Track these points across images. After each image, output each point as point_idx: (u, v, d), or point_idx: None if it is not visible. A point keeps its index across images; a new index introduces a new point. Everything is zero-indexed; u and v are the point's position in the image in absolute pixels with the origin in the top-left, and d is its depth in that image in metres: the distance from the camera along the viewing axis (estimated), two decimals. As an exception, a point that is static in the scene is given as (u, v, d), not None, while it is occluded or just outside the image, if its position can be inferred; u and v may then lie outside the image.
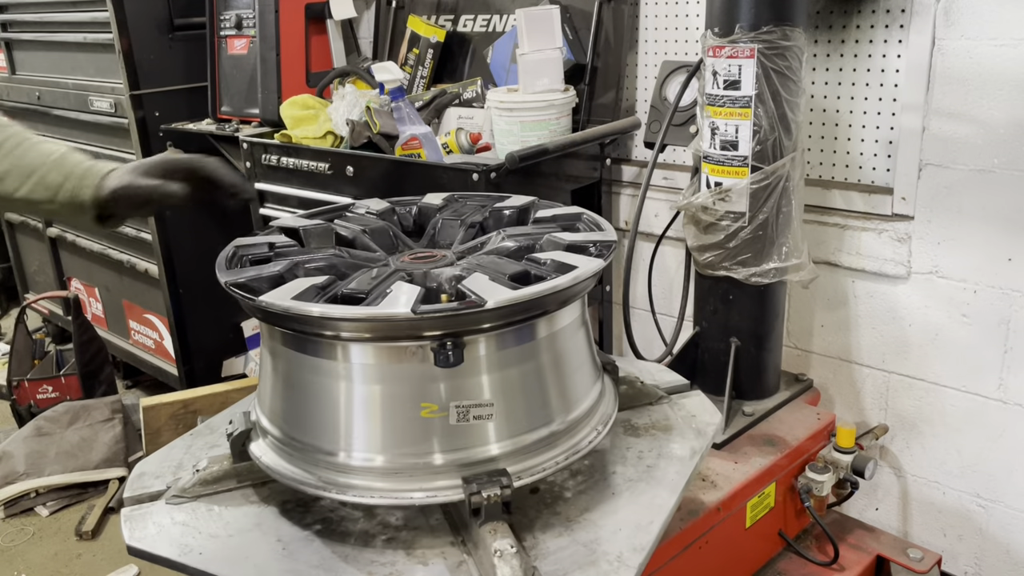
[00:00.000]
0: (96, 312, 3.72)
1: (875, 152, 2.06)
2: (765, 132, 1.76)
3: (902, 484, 2.21)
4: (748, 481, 1.73)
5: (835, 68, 2.07)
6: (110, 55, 2.97)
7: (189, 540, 1.14)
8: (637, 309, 2.49)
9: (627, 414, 1.41)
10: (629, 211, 2.55)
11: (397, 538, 1.15)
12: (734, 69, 1.74)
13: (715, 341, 1.99)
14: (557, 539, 1.12)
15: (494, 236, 1.36)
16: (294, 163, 2.40)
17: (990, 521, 2.07)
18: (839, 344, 2.23)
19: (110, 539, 2.78)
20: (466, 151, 2.30)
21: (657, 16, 2.39)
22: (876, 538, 1.98)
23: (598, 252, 1.24)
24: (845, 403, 2.25)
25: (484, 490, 1.06)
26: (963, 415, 2.04)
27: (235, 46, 2.94)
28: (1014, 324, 1.91)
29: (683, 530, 1.58)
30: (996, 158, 1.85)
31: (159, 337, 3.34)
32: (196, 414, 2.39)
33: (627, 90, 2.49)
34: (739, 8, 1.72)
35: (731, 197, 1.81)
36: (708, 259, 1.89)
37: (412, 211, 1.53)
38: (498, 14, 2.67)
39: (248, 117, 2.90)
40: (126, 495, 1.25)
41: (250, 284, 1.16)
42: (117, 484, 3.00)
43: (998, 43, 1.80)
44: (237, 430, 1.24)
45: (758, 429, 1.92)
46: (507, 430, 1.13)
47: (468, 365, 1.08)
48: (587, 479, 1.25)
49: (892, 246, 2.04)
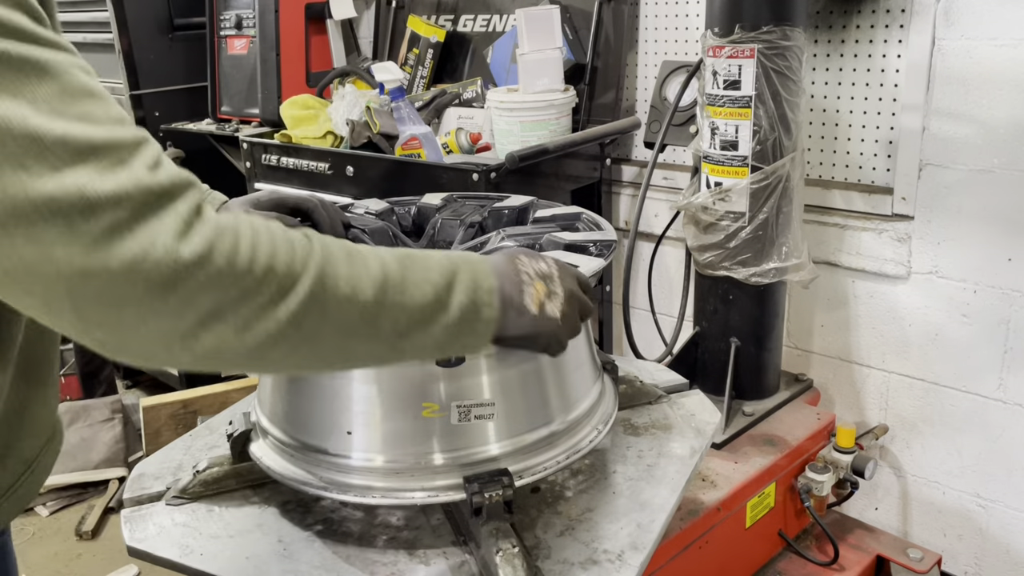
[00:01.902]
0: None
1: (875, 152, 2.06)
2: (765, 132, 1.76)
3: (902, 484, 2.21)
4: (748, 481, 1.73)
5: (835, 68, 2.07)
6: (110, 55, 2.97)
7: (189, 541, 1.14)
8: (637, 309, 2.49)
9: (627, 413, 1.41)
10: (629, 211, 2.55)
11: (398, 538, 1.15)
12: (734, 69, 1.74)
13: (715, 341, 1.99)
14: (559, 538, 1.12)
15: (494, 236, 1.36)
16: (294, 163, 2.40)
17: (990, 521, 2.07)
18: (839, 344, 2.23)
19: (110, 539, 2.78)
20: (466, 151, 2.30)
21: (657, 16, 2.39)
22: (876, 538, 1.98)
23: (598, 252, 1.24)
24: (845, 403, 2.25)
25: (486, 490, 1.06)
26: (963, 415, 2.05)
27: (235, 46, 2.94)
28: (1014, 324, 1.91)
29: (683, 530, 1.58)
30: (996, 158, 1.85)
31: (159, 337, 3.34)
32: (196, 414, 2.39)
33: (627, 90, 2.49)
34: (739, 8, 1.72)
35: (731, 197, 1.81)
36: (708, 259, 1.89)
37: (411, 211, 1.53)
38: (498, 14, 2.67)
39: (248, 117, 2.90)
40: (126, 496, 1.25)
41: (251, 284, 1.16)
42: (117, 484, 3.00)
43: (998, 43, 1.80)
44: (237, 430, 1.24)
45: (758, 429, 1.92)
46: (508, 430, 1.13)
47: (469, 365, 1.08)
48: (588, 478, 1.25)
49: (892, 246, 2.04)
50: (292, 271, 0.79)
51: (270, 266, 0.77)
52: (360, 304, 0.84)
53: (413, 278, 0.88)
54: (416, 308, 0.88)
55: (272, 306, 0.77)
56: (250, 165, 2.55)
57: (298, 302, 0.79)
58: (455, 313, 0.90)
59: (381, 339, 0.86)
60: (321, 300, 0.81)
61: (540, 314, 0.98)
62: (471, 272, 0.94)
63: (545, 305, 0.98)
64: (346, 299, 0.83)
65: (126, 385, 3.81)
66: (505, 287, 0.96)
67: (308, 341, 0.81)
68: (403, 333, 0.87)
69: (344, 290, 0.83)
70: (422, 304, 0.88)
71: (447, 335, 0.90)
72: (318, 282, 0.81)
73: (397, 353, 0.89)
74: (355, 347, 0.86)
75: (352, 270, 0.84)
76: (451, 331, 0.91)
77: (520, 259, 1.00)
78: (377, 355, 0.89)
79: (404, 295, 0.87)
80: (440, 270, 0.91)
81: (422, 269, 0.90)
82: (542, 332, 0.99)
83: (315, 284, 0.80)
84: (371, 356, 0.89)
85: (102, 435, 3.07)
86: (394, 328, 0.86)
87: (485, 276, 0.95)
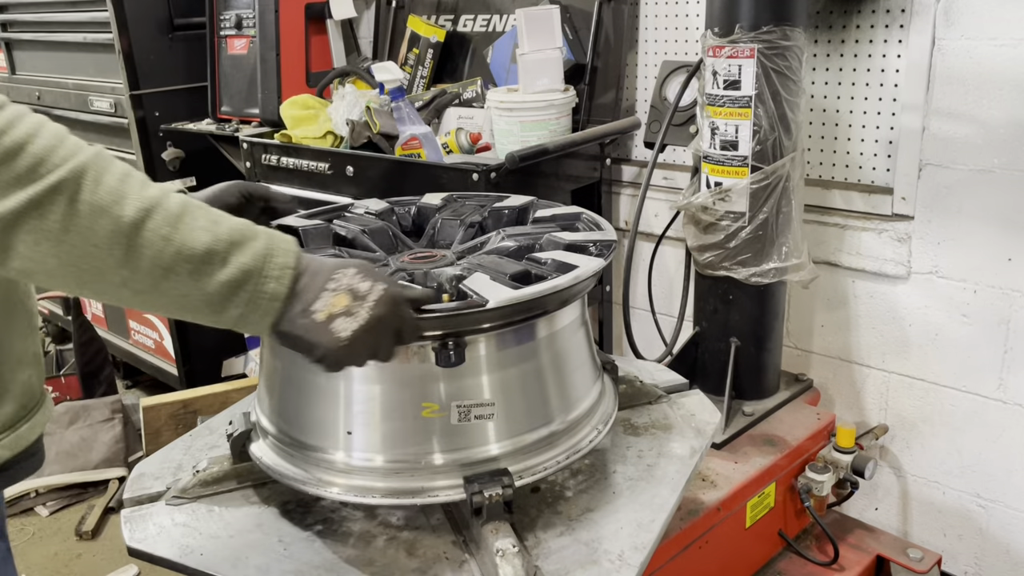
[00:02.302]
0: (96, 312, 3.72)
1: (875, 152, 2.06)
2: (765, 132, 1.76)
3: (902, 484, 2.21)
4: (748, 481, 1.73)
5: (835, 68, 2.07)
6: (110, 55, 2.97)
7: (190, 541, 1.14)
8: (637, 309, 2.49)
9: (627, 413, 1.41)
10: (629, 211, 2.55)
11: (398, 538, 1.15)
12: (734, 69, 1.74)
13: (715, 341, 1.99)
14: (559, 538, 1.12)
15: (494, 236, 1.36)
16: (294, 163, 2.40)
17: (990, 521, 2.07)
18: (839, 344, 2.23)
19: (110, 539, 2.78)
20: (466, 151, 2.30)
21: (657, 16, 2.39)
22: (876, 538, 1.98)
23: (598, 251, 1.24)
24: (845, 403, 2.25)
25: (486, 490, 1.07)
26: (963, 415, 2.05)
27: (235, 46, 2.94)
28: (1014, 324, 1.91)
29: (683, 530, 1.58)
30: (996, 158, 1.85)
31: (159, 337, 3.34)
32: (196, 414, 2.39)
33: (627, 90, 2.49)
34: (739, 8, 1.72)
35: (731, 197, 1.81)
36: (708, 259, 1.89)
37: (411, 211, 1.53)
38: (498, 14, 2.67)
39: (248, 117, 2.90)
40: (126, 496, 1.25)
41: (251, 284, 1.16)
42: (117, 484, 3.00)
43: (998, 43, 1.80)
44: (237, 430, 1.24)
45: (758, 429, 1.92)
46: (508, 430, 1.13)
47: (469, 365, 1.08)
48: (588, 478, 1.25)
49: (892, 246, 2.04)
50: (48, 159, 0.82)
51: (23, 145, 0.81)
52: (115, 217, 0.84)
53: (193, 222, 0.88)
54: (186, 248, 0.87)
55: (17, 184, 0.80)
56: (250, 165, 2.55)
57: (44, 188, 0.81)
58: (233, 272, 0.89)
59: (139, 267, 0.86)
60: (71, 197, 0.82)
61: (324, 324, 0.93)
62: (271, 245, 0.93)
63: (336, 319, 0.94)
64: (101, 207, 0.83)
65: (126, 385, 3.81)
66: (303, 278, 0.94)
67: (52, 238, 0.82)
68: (167, 269, 0.86)
69: (103, 198, 0.83)
70: (193, 247, 0.87)
71: (221, 293, 0.89)
72: (73, 179, 0.82)
73: (158, 294, 0.88)
74: (105, 265, 0.85)
75: (122, 186, 0.85)
76: (226, 290, 0.89)
77: (345, 271, 0.97)
78: (135, 286, 0.87)
79: (175, 230, 0.87)
80: (233, 228, 0.91)
81: (210, 220, 0.90)
82: (320, 343, 0.94)
83: (68, 179, 0.82)
84: (125, 284, 0.87)
85: (102, 435, 3.07)
86: (156, 261, 0.86)
87: (285, 254, 0.93)
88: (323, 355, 0.95)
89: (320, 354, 0.95)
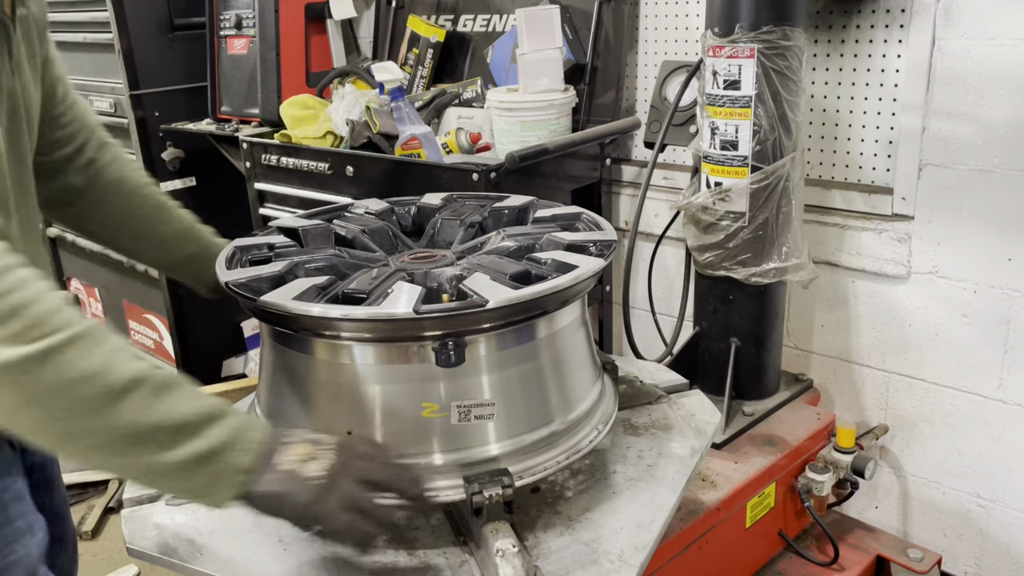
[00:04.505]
0: (96, 312, 3.72)
1: (875, 152, 2.06)
2: (765, 132, 1.76)
3: (902, 484, 2.21)
4: (748, 481, 1.73)
5: (835, 68, 2.07)
6: (110, 55, 2.97)
7: (190, 541, 1.14)
8: (637, 309, 2.49)
9: (627, 413, 1.41)
10: (629, 211, 2.55)
11: (398, 538, 1.15)
12: (734, 69, 1.74)
13: (715, 341, 1.99)
14: (559, 538, 1.12)
15: (494, 236, 1.36)
16: (294, 163, 2.40)
17: (990, 521, 2.07)
18: (839, 344, 2.23)
19: (110, 539, 2.78)
20: (466, 151, 2.30)
21: (657, 16, 2.39)
22: (876, 538, 1.98)
23: (598, 251, 1.24)
24: (845, 403, 2.25)
25: (486, 490, 1.07)
26: (963, 415, 2.05)
27: (235, 46, 2.94)
28: (1014, 324, 1.91)
29: (683, 530, 1.58)
30: (996, 158, 1.85)
31: (159, 337, 3.34)
32: (196, 414, 2.38)
33: (627, 90, 2.49)
34: (739, 8, 1.72)
35: (731, 197, 1.81)
36: (708, 259, 1.89)
37: (411, 211, 1.53)
38: (498, 14, 2.67)
39: (248, 117, 2.90)
40: (126, 496, 1.24)
41: (251, 284, 1.16)
42: (117, 484, 3.00)
43: (998, 43, 1.80)
44: (238, 430, 1.24)
45: (758, 429, 1.92)
46: (508, 430, 1.13)
47: (469, 365, 1.08)
48: (588, 478, 1.25)
49: (892, 246, 2.04)
50: (46, 322, 0.87)
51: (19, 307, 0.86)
52: (101, 385, 0.88)
53: (173, 394, 0.92)
54: (166, 419, 0.91)
55: (12, 342, 0.85)
56: (250, 165, 2.55)
57: (39, 350, 0.85)
58: (202, 445, 0.92)
59: (112, 431, 0.89)
60: (61, 361, 0.86)
61: (292, 472, 0.95)
62: (240, 422, 0.96)
63: (306, 464, 0.96)
64: (88, 375, 0.87)
65: (126, 385, 3.81)
66: (267, 442, 0.97)
67: (36, 401, 0.86)
68: (140, 436, 0.89)
69: (93, 365, 0.88)
70: (172, 418, 0.91)
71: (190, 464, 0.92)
72: (66, 344, 0.87)
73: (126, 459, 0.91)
74: (82, 429, 0.88)
75: (112, 358, 0.90)
76: (194, 463, 0.92)
77: (293, 431, 1.01)
78: (107, 448, 0.90)
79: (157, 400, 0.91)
80: (208, 404, 0.95)
81: (190, 394, 0.94)
82: (292, 492, 0.95)
83: (62, 343, 0.87)
84: (95, 447, 0.90)
85: (102, 435, 3.07)
86: (131, 427, 0.89)
87: (253, 428, 0.97)
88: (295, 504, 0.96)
89: (292, 503, 0.96)
